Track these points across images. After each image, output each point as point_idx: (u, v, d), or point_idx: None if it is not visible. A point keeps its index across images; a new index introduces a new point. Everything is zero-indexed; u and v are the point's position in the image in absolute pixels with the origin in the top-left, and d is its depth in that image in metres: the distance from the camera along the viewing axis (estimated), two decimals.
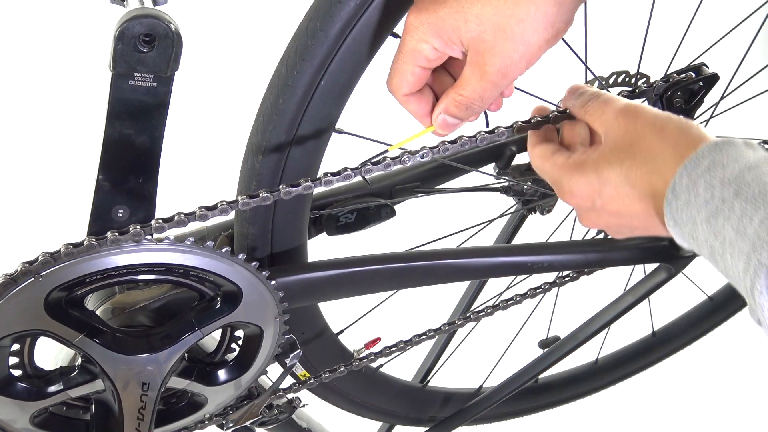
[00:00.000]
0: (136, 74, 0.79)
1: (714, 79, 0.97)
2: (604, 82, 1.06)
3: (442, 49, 0.72)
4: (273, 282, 0.88)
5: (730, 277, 0.63)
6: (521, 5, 0.68)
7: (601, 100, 0.76)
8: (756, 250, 0.59)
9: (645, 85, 0.99)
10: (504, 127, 0.82)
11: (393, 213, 1.09)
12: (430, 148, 0.80)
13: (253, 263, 0.85)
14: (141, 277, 0.83)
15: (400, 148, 0.80)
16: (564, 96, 0.80)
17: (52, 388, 0.86)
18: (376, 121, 1.35)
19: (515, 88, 0.89)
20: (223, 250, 0.83)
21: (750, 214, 0.60)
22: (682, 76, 0.96)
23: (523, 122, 0.82)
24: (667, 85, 0.95)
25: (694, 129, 0.69)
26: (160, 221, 0.77)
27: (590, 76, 1.07)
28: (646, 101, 0.99)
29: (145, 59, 0.78)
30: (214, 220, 1.00)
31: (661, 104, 0.96)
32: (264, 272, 0.86)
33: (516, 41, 0.70)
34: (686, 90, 0.96)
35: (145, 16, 0.76)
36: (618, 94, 0.88)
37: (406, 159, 0.79)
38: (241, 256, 0.84)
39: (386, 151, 0.80)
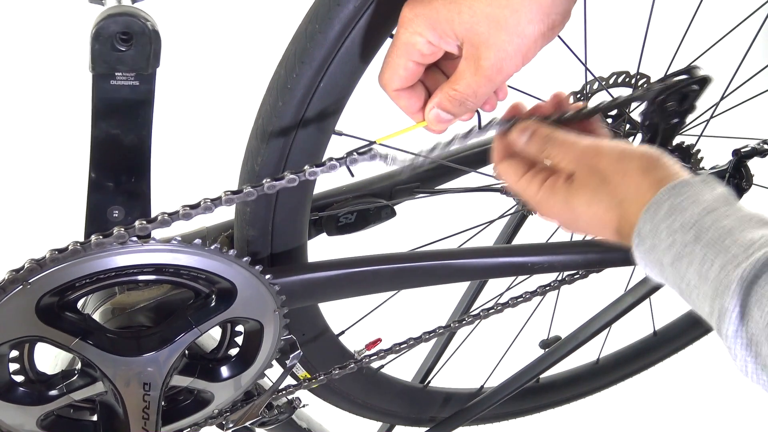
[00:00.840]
0: (116, 74, 0.79)
1: (706, 81, 0.96)
2: (603, 83, 1.06)
3: (436, 42, 0.71)
4: (267, 276, 0.87)
5: (702, 315, 0.65)
6: None
7: (559, 143, 0.75)
8: (719, 295, 0.60)
9: (640, 89, 0.98)
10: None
11: (393, 213, 1.09)
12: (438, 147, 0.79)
13: (245, 258, 0.85)
14: (131, 278, 0.82)
15: (382, 144, 0.79)
16: (512, 133, 0.78)
17: (55, 392, 0.86)
18: (376, 123, 1.35)
19: (515, 89, 0.89)
20: (212, 247, 0.82)
21: (711, 259, 0.62)
22: (675, 80, 0.96)
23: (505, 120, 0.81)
24: (660, 89, 0.94)
25: (655, 167, 0.70)
26: (144, 222, 0.76)
27: (590, 77, 1.07)
28: (644, 105, 0.99)
29: (124, 58, 0.77)
30: (215, 221, 1.00)
31: (656, 108, 0.96)
32: (257, 267, 0.86)
33: (510, 33, 0.69)
34: (679, 93, 0.96)
35: (120, 14, 0.76)
36: (600, 103, 0.86)
37: (391, 161, 0.77)
38: (231, 252, 0.83)
39: (373, 143, 0.79)
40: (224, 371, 0.94)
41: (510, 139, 0.78)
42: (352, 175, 1.01)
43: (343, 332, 1.13)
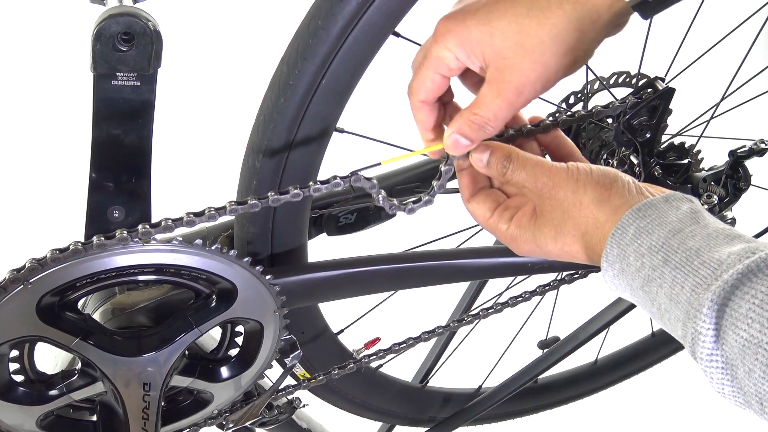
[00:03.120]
0: (118, 74, 0.79)
1: (670, 93, 0.97)
2: (604, 83, 1.06)
3: (464, 60, 0.72)
4: (268, 276, 0.87)
5: (675, 337, 0.65)
6: (544, 26, 0.69)
7: (518, 167, 0.75)
8: (690, 318, 0.61)
9: (602, 106, 0.97)
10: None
11: (393, 213, 1.08)
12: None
13: (246, 259, 0.85)
14: (132, 278, 0.82)
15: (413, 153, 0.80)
16: (474, 153, 0.78)
17: (55, 392, 0.86)
18: (377, 120, 1.35)
19: None
20: (213, 247, 0.82)
21: (681, 283, 0.62)
22: (638, 97, 0.96)
23: (532, 125, 0.81)
24: (625, 108, 0.94)
25: (609, 196, 0.71)
26: (147, 226, 0.77)
27: (591, 76, 1.07)
28: (612, 120, 0.99)
29: (126, 58, 0.77)
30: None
31: (624, 129, 0.97)
32: (257, 267, 0.86)
33: (535, 61, 0.70)
34: (647, 108, 0.97)
35: (121, 15, 0.75)
36: (557, 118, 0.85)
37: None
38: (232, 252, 0.83)
39: (378, 164, 0.80)
40: (224, 371, 0.94)
41: (472, 160, 0.78)
42: (354, 192, 1.02)
43: (341, 331, 1.13)
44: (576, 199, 0.72)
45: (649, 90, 0.96)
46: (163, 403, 0.89)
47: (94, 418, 0.92)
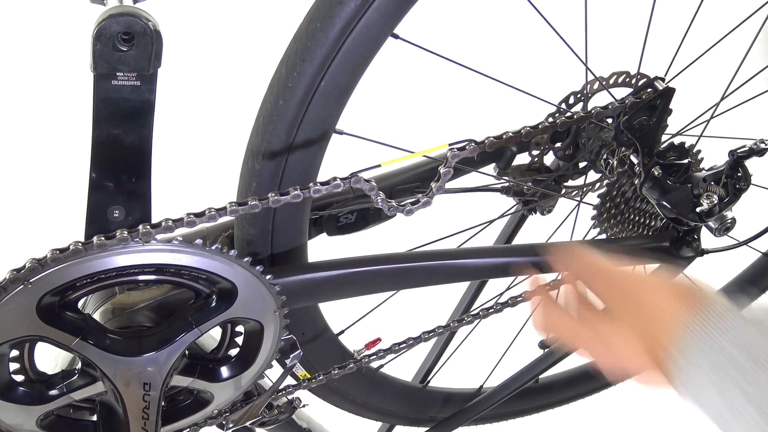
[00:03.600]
0: (118, 74, 0.79)
1: (669, 92, 0.97)
2: (604, 83, 1.06)
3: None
4: (268, 276, 0.88)
5: None
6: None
7: (581, 264, 0.81)
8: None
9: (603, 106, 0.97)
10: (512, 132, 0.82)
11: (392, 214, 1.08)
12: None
13: (246, 258, 0.85)
14: (132, 278, 0.82)
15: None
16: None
17: (55, 392, 0.86)
18: (376, 122, 1.35)
19: (516, 88, 0.89)
20: (213, 247, 0.82)
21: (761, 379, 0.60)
22: (638, 97, 0.96)
23: (531, 127, 0.82)
24: (624, 108, 0.94)
25: (677, 301, 0.70)
26: (147, 227, 0.77)
27: (590, 77, 1.07)
28: (612, 120, 0.99)
29: (126, 58, 0.77)
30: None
31: (624, 128, 0.97)
32: (258, 267, 0.86)
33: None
34: (647, 108, 0.97)
35: (121, 15, 0.75)
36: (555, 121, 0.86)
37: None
38: (232, 252, 0.84)
39: (378, 166, 0.80)
40: (224, 371, 0.94)
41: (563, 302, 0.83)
42: (354, 194, 1.02)
43: (342, 332, 1.13)
44: (647, 301, 0.73)
45: (648, 90, 0.96)
46: (163, 403, 0.89)
47: (94, 418, 0.92)
